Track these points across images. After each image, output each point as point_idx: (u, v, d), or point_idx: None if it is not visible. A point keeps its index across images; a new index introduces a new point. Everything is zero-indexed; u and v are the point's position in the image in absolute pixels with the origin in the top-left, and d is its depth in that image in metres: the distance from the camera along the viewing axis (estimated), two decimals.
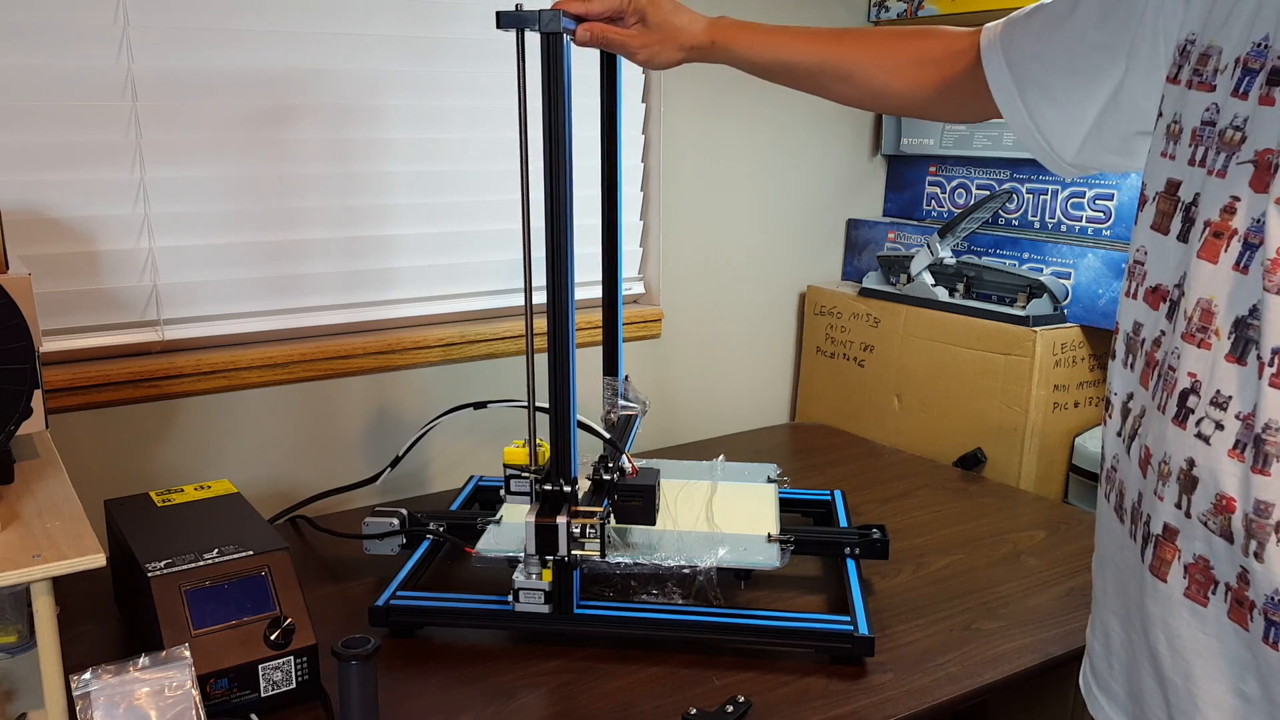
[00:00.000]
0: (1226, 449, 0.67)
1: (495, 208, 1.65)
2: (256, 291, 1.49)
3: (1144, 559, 0.74)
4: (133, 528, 1.09)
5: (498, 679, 1.08)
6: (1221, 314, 0.68)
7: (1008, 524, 1.49)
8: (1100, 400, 1.70)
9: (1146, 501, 0.74)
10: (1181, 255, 0.72)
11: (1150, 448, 0.73)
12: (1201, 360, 0.69)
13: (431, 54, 1.55)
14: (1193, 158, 0.72)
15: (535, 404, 1.11)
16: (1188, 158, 0.72)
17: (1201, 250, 0.69)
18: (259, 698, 1.00)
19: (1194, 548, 0.70)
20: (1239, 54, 0.69)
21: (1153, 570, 0.73)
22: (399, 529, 1.27)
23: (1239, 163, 0.68)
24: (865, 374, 1.88)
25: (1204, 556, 0.69)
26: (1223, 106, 0.70)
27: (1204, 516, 0.69)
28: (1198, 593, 0.70)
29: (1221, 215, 0.68)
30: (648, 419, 1.48)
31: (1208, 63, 0.72)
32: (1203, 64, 0.72)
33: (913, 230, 1.91)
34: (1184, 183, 0.73)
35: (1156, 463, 0.72)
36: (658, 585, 1.20)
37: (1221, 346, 0.68)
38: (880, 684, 1.07)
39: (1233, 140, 0.69)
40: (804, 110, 1.91)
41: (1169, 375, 0.71)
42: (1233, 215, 0.67)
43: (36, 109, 1.30)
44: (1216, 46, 0.72)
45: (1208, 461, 0.68)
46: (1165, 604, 0.72)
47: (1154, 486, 0.73)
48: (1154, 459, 0.73)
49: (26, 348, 0.92)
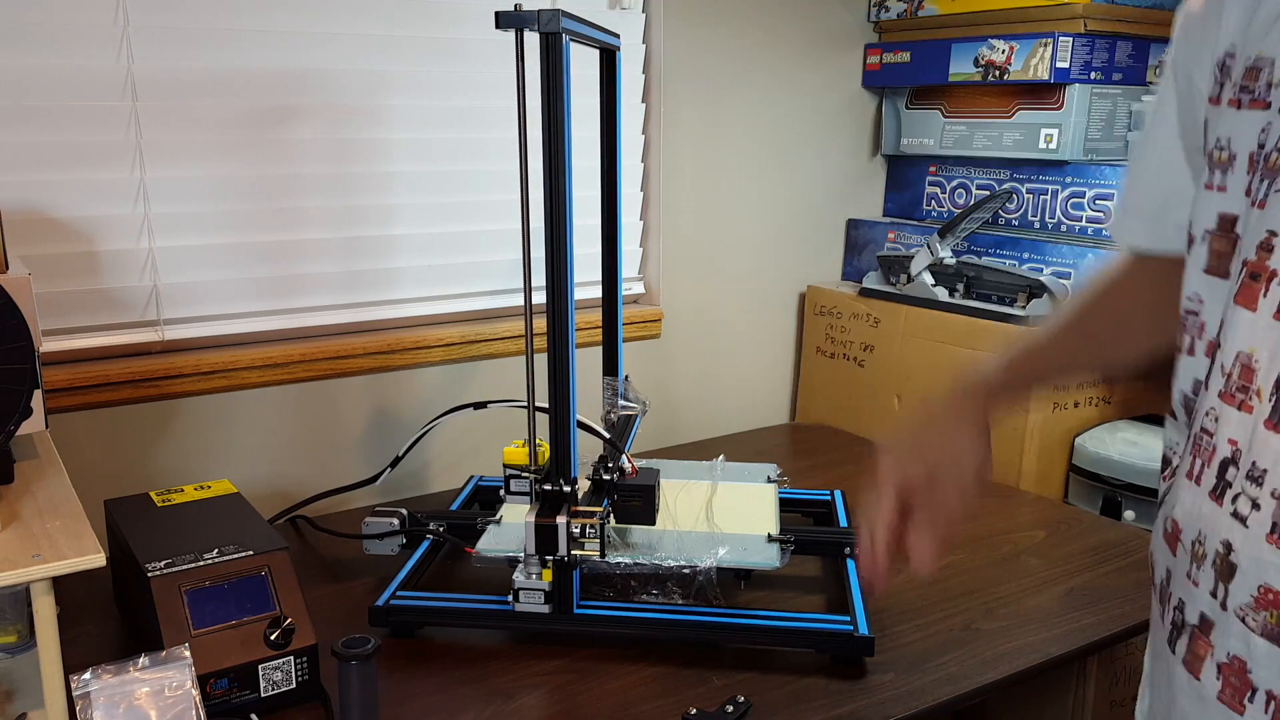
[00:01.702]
0: (1265, 532, 0.57)
1: (495, 208, 1.65)
2: (256, 291, 1.49)
3: (1175, 649, 0.66)
4: (133, 528, 1.09)
5: (498, 679, 1.08)
6: (1263, 371, 0.58)
7: (1008, 524, 1.49)
8: (1100, 400, 1.70)
9: (1176, 582, 0.66)
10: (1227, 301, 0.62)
11: (1178, 521, 0.65)
12: (1242, 426, 0.59)
13: (432, 54, 1.55)
14: (1248, 188, 0.62)
15: (535, 404, 1.11)
16: (1243, 187, 0.62)
17: (1238, 295, 0.60)
18: (259, 698, 1.00)
19: (1229, 645, 0.60)
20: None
21: (1187, 665, 0.64)
22: (399, 529, 1.27)
23: (1278, 190, 0.58)
24: (865, 374, 1.88)
25: (1240, 657, 0.60)
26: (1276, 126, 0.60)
27: (1242, 610, 0.59)
28: (1233, 698, 0.60)
29: (1258, 253, 0.58)
30: (648, 419, 1.48)
31: (1258, 77, 0.62)
32: (1251, 79, 0.63)
33: (913, 230, 1.91)
34: (1240, 217, 0.62)
35: (1189, 541, 0.64)
36: (658, 585, 1.20)
37: (1262, 410, 0.58)
38: (880, 684, 1.07)
39: (1276, 164, 0.58)
40: (804, 110, 1.92)
41: (1205, 440, 0.62)
42: (1270, 253, 0.57)
43: (36, 109, 1.29)
44: (1267, 58, 0.62)
45: (1247, 546, 0.58)
46: (1199, 704, 0.63)
47: (1186, 568, 0.64)
48: (1184, 536, 0.64)
49: (26, 348, 0.92)
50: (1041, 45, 1.67)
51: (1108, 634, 1.18)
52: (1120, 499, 1.60)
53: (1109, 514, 1.61)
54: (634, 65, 1.74)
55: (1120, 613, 1.22)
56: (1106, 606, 1.23)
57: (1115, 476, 1.61)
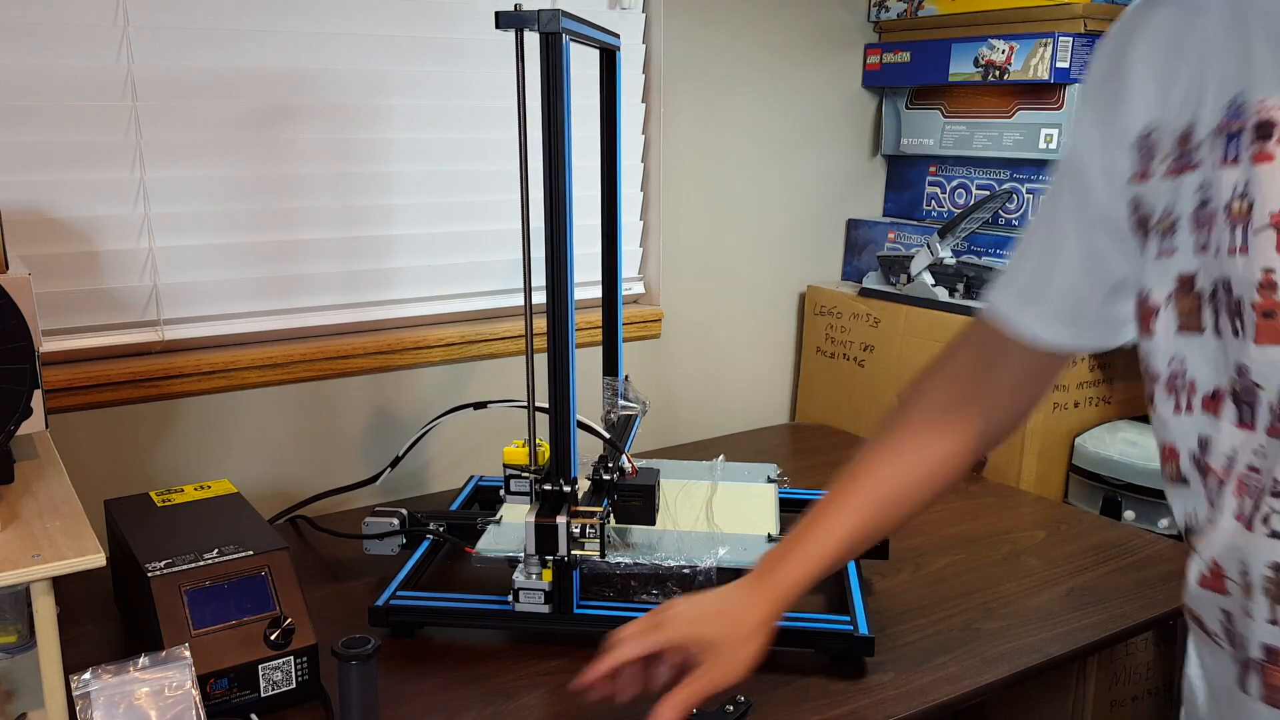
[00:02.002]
0: None
1: (495, 208, 1.65)
2: (256, 291, 1.49)
3: (1248, 690, 0.66)
4: (133, 528, 1.09)
5: (498, 679, 1.08)
6: None
7: (1008, 524, 1.49)
8: (1100, 400, 1.70)
9: (1239, 621, 0.66)
10: (1236, 348, 0.64)
11: (1218, 560, 0.66)
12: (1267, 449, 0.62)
13: (432, 54, 1.55)
14: (1198, 245, 0.66)
15: (535, 404, 1.11)
16: (1191, 246, 0.67)
17: (1259, 336, 0.62)
18: (259, 698, 1.00)
19: None
20: (1214, 122, 0.65)
21: (1267, 699, 0.64)
22: (399, 529, 1.27)
23: (1257, 232, 0.62)
24: (865, 374, 1.88)
25: None
26: (1215, 181, 0.65)
27: None
28: None
29: (1262, 293, 0.61)
30: (648, 419, 1.48)
31: (1189, 143, 0.67)
32: (1183, 146, 0.68)
33: (913, 230, 1.91)
34: (1199, 273, 0.66)
35: (1236, 574, 0.65)
36: (658, 585, 1.20)
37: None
38: (880, 684, 1.07)
39: (1241, 211, 0.63)
40: (804, 110, 1.92)
41: (1253, 479, 0.64)
42: (1274, 290, 0.61)
43: (36, 109, 1.29)
44: (1191, 124, 0.67)
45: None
46: None
47: (1241, 604, 0.65)
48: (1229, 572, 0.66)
49: (26, 348, 0.92)
50: (1041, 45, 1.67)
51: (1108, 634, 1.18)
52: (1120, 499, 1.60)
53: (1109, 514, 1.61)
54: (634, 65, 1.74)
55: (1120, 613, 1.22)
56: (1106, 606, 1.23)
57: (1115, 476, 1.61)
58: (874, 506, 0.91)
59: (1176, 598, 0.88)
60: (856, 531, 0.91)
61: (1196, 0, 0.70)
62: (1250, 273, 0.62)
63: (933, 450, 0.91)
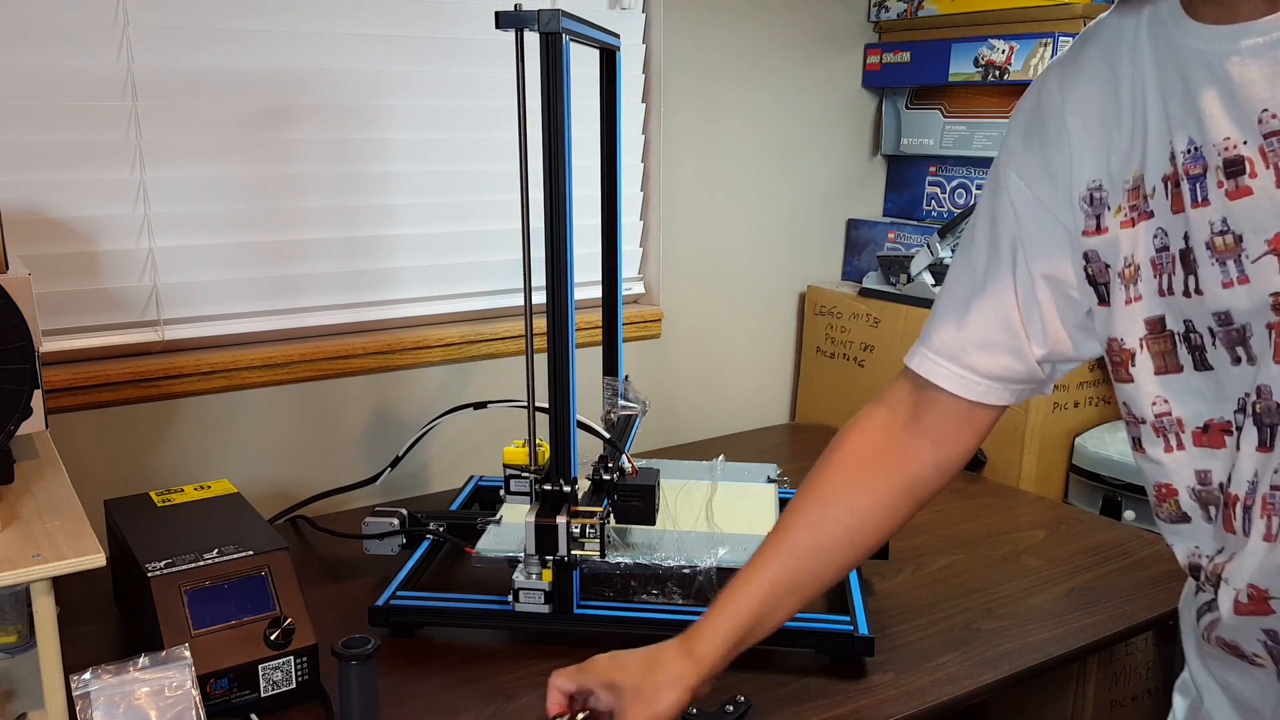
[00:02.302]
0: None
1: (495, 208, 1.65)
2: (256, 291, 1.49)
3: None
4: (133, 528, 1.09)
5: (498, 679, 1.08)
6: None
7: (1008, 524, 1.49)
8: (1100, 400, 1.70)
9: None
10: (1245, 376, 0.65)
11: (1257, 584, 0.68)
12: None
13: (432, 54, 1.55)
14: (1160, 289, 0.68)
15: (535, 404, 1.11)
16: (1155, 289, 0.69)
17: (1277, 356, 0.63)
18: (259, 698, 1.00)
19: None
20: (1164, 169, 0.67)
21: None
22: (399, 529, 1.27)
23: (1254, 260, 0.62)
24: (865, 374, 1.88)
25: None
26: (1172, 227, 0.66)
27: None
28: None
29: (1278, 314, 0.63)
30: (648, 419, 1.48)
31: (1139, 193, 0.69)
32: (1135, 198, 0.69)
33: (913, 230, 1.91)
34: (1167, 315, 0.69)
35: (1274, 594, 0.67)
36: (658, 585, 1.20)
37: None
38: (880, 684, 1.07)
39: (1227, 245, 0.64)
40: (804, 110, 1.92)
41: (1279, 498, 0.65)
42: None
43: (36, 109, 1.29)
44: (1139, 175, 0.69)
45: None
46: None
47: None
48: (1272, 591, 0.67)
49: (26, 348, 0.92)
50: (1041, 45, 1.67)
51: (1108, 634, 1.18)
52: (1120, 499, 1.60)
53: (1109, 514, 1.61)
54: (634, 65, 1.74)
55: (1120, 613, 1.22)
56: (1106, 606, 1.23)
57: (1115, 476, 1.61)
58: (794, 558, 0.90)
59: (1176, 598, 0.88)
60: (776, 586, 0.89)
61: (1123, 39, 0.70)
62: (1255, 300, 0.63)
63: (861, 497, 0.91)
